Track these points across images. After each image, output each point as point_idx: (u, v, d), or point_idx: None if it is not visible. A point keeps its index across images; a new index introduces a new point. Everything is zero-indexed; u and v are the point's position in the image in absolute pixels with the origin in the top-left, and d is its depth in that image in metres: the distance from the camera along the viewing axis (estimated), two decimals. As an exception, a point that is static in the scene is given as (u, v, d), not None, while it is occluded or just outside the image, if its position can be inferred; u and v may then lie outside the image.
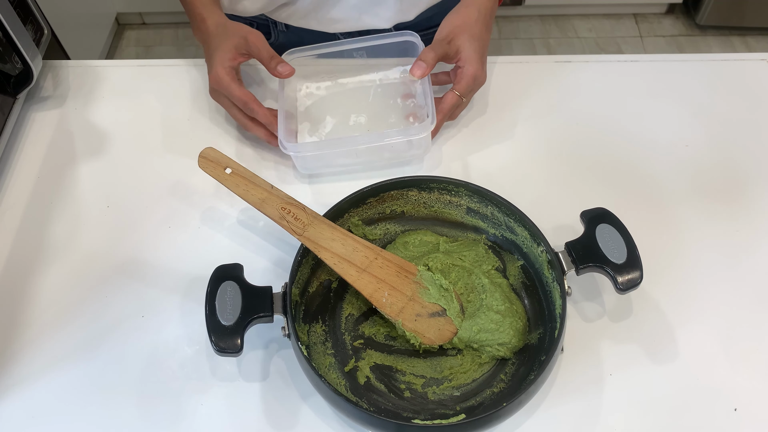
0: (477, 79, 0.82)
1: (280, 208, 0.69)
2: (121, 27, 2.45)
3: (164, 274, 0.76)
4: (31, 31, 0.88)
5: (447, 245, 0.74)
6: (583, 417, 0.66)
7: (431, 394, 0.66)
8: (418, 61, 0.80)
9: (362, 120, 0.85)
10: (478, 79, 0.82)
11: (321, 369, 0.66)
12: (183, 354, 0.70)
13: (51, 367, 0.69)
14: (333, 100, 0.88)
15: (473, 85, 0.82)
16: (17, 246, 0.78)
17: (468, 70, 0.81)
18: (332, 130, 0.85)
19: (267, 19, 1.00)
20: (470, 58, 0.81)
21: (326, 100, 0.88)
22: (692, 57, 0.97)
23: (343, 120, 0.86)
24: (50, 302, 0.74)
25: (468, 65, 0.81)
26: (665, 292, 0.73)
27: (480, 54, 0.82)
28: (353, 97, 0.88)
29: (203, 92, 0.92)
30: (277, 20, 0.99)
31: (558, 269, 0.66)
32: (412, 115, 0.85)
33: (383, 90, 0.88)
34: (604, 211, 0.69)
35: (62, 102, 0.92)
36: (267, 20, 1.00)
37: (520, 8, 2.39)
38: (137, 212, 0.81)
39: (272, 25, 1.01)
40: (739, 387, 0.67)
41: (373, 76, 0.89)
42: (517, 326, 0.68)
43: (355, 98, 0.88)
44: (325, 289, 0.73)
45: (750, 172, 0.83)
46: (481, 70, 0.82)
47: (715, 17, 2.32)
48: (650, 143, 0.86)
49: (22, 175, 0.85)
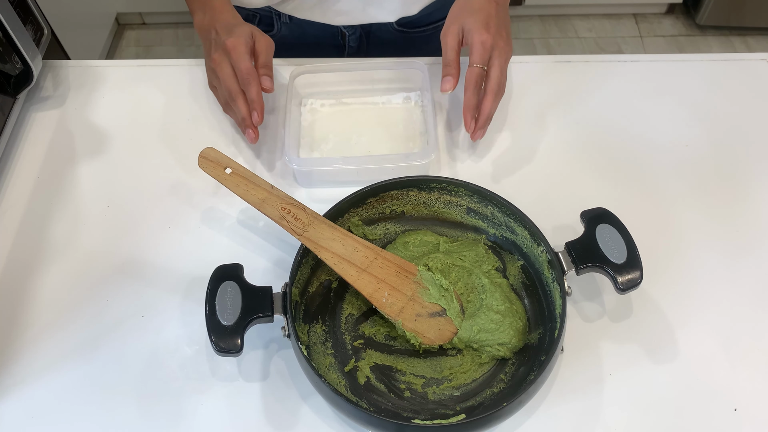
0: (484, 43, 0.78)
1: (280, 208, 0.69)
2: (121, 27, 2.45)
3: (164, 274, 0.76)
4: (31, 31, 0.88)
5: (447, 245, 0.74)
6: (583, 417, 0.66)
7: (431, 394, 0.66)
8: (443, 78, 0.79)
9: (363, 141, 0.86)
10: (485, 43, 0.78)
11: (321, 369, 0.66)
12: (183, 354, 0.70)
13: (51, 367, 0.69)
14: (336, 119, 0.88)
15: (483, 50, 0.78)
16: (17, 246, 0.78)
17: (474, 38, 0.78)
18: (333, 148, 0.85)
19: (271, 11, 1.00)
20: (473, 28, 0.79)
21: (329, 119, 0.88)
22: (692, 57, 0.97)
23: (344, 139, 0.86)
24: (50, 302, 0.74)
25: (473, 35, 0.78)
26: (665, 292, 0.73)
27: (483, 23, 0.79)
28: (356, 117, 0.88)
29: (203, 92, 0.92)
30: (281, 12, 0.99)
31: (558, 269, 0.66)
32: (413, 142, 0.85)
33: (386, 114, 0.88)
34: (604, 211, 0.69)
35: (62, 102, 0.92)
36: (271, 12, 1.00)
37: (520, 8, 2.39)
38: (137, 212, 0.81)
39: (276, 18, 1.01)
40: (739, 387, 0.67)
41: (377, 99, 0.90)
42: (517, 326, 0.68)
43: (357, 119, 0.88)
44: (325, 289, 0.73)
45: (750, 172, 0.83)
46: (486, 34, 0.78)
47: (715, 17, 2.32)
48: (650, 143, 0.86)
49: (22, 175, 0.85)
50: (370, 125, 0.87)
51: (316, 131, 0.87)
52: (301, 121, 0.88)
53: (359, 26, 1.02)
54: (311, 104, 0.90)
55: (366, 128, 0.87)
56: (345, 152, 0.85)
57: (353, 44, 1.05)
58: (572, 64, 0.95)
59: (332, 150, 0.85)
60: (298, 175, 0.82)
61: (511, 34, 0.83)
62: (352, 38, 1.04)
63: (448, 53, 0.80)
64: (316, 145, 0.85)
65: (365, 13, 0.97)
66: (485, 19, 0.80)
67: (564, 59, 0.96)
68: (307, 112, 0.89)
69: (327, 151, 0.85)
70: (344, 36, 1.04)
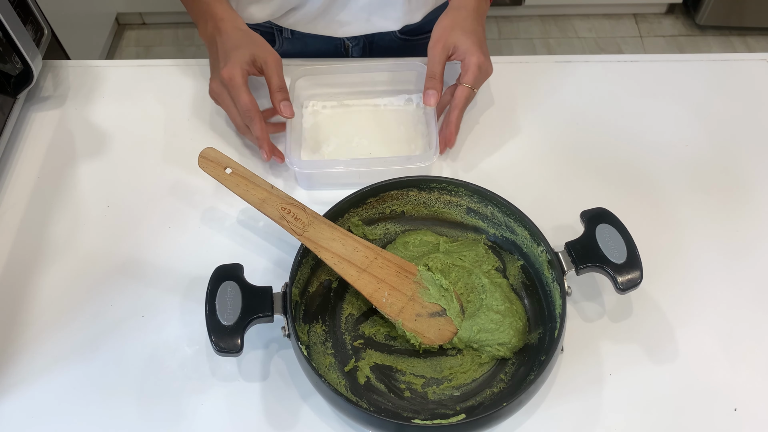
0: (482, 67, 0.80)
1: (280, 208, 0.69)
2: (121, 27, 2.45)
3: (164, 274, 0.76)
4: (31, 31, 0.88)
5: (447, 245, 0.74)
6: (583, 417, 0.66)
7: (431, 394, 0.66)
8: (426, 91, 0.80)
9: (365, 143, 0.86)
10: (482, 67, 0.80)
11: (321, 369, 0.66)
12: (183, 354, 0.70)
13: (51, 367, 0.69)
14: (337, 120, 0.88)
15: (479, 74, 0.81)
16: (17, 246, 0.78)
17: (471, 59, 0.80)
18: (334, 150, 0.85)
19: (272, 26, 0.99)
20: (470, 50, 0.80)
21: (331, 121, 0.88)
22: (692, 57, 0.97)
23: (346, 142, 0.86)
24: (50, 302, 0.74)
25: (469, 56, 0.80)
26: (665, 292, 0.73)
27: (479, 45, 0.81)
28: (357, 119, 0.88)
29: (203, 92, 0.92)
30: (283, 26, 0.98)
31: (558, 269, 0.66)
32: (414, 144, 0.85)
33: (387, 115, 0.88)
34: (604, 211, 0.69)
35: (62, 102, 0.92)
36: (272, 27, 0.99)
37: (520, 8, 2.39)
38: (137, 212, 0.81)
39: (277, 33, 1.00)
40: (739, 387, 0.67)
41: (379, 101, 0.90)
42: (517, 326, 0.68)
43: (359, 121, 0.88)
44: (325, 289, 0.73)
45: (750, 171, 0.83)
46: (484, 59, 0.81)
47: (715, 17, 2.32)
48: (650, 143, 0.86)
49: (22, 175, 0.85)
50: (372, 127, 0.87)
51: (318, 133, 0.87)
52: (303, 123, 0.88)
53: (362, 36, 1.01)
54: (312, 106, 0.90)
55: (367, 130, 0.87)
56: (346, 154, 0.85)
57: (356, 54, 1.05)
58: (572, 64, 0.95)
59: (334, 152, 0.85)
60: (299, 177, 0.82)
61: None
62: (355, 49, 1.04)
63: (435, 66, 0.81)
64: (317, 147, 0.85)
65: (369, 23, 0.96)
66: (479, 41, 0.82)
67: (564, 59, 0.96)
68: (308, 114, 0.89)
69: (328, 154, 0.85)
70: (347, 47, 1.03)
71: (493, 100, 0.91)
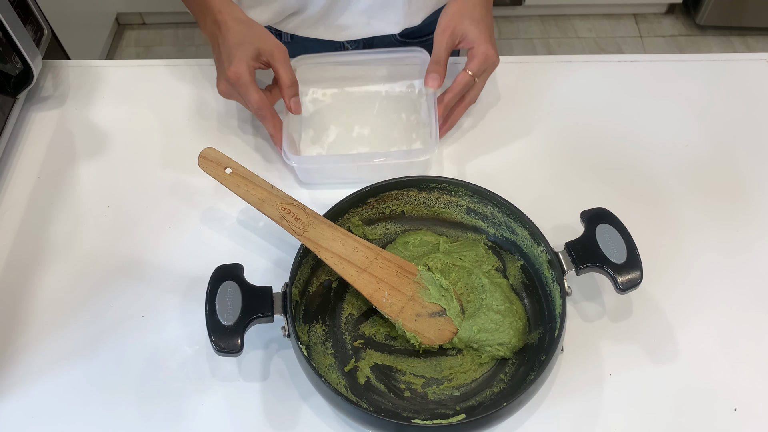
0: (488, 58, 0.79)
1: (280, 208, 0.69)
2: (121, 27, 2.46)
3: (164, 274, 0.76)
4: (31, 31, 0.88)
5: (447, 245, 0.74)
6: (583, 417, 0.66)
7: (431, 394, 0.66)
8: (429, 73, 0.79)
9: (365, 132, 0.85)
10: (489, 58, 0.79)
11: (321, 369, 0.66)
12: (183, 354, 0.70)
13: (51, 367, 0.69)
14: (338, 108, 0.88)
15: (485, 64, 0.80)
16: (17, 246, 0.78)
17: (478, 48, 0.79)
18: (335, 140, 0.85)
19: (272, 30, 0.99)
20: (478, 39, 0.79)
21: (331, 108, 0.88)
22: (692, 57, 0.97)
23: (346, 131, 0.86)
24: (50, 302, 0.74)
25: (477, 45, 0.79)
26: (665, 292, 0.73)
27: (487, 35, 0.80)
28: (358, 107, 0.88)
29: (203, 92, 0.92)
30: (283, 31, 0.98)
31: (558, 269, 0.66)
32: (415, 133, 0.85)
33: (388, 103, 0.88)
34: (604, 211, 0.69)
35: (62, 102, 0.92)
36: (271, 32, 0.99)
37: (520, 8, 2.39)
38: (137, 212, 0.81)
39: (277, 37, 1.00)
40: (739, 387, 0.67)
41: (380, 88, 0.89)
42: (517, 326, 0.68)
43: (360, 109, 0.88)
44: (325, 289, 0.73)
45: (750, 172, 0.83)
46: (492, 50, 0.80)
47: (715, 17, 2.32)
48: (650, 143, 0.86)
49: (22, 175, 0.85)
50: (373, 115, 0.87)
51: (318, 122, 0.86)
52: (303, 111, 0.87)
53: (362, 40, 1.00)
54: (312, 93, 0.89)
55: (368, 119, 0.87)
56: (347, 145, 0.84)
57: None
58: (572, 64, 0.95)
59: (334, 143, 0.85)
60: (298, 171, 0.82)
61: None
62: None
63: (440, 52, 0.80)
64: (317, 137, 0.85)
65: (369, 26, 0.96)
66: (488, 31, 0.81)
67: (564, 59, 0.96)
68: (308, 102, 0.88)
69: (329, 145, 0.84)
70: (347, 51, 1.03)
71: (493, 100, 0.91)
